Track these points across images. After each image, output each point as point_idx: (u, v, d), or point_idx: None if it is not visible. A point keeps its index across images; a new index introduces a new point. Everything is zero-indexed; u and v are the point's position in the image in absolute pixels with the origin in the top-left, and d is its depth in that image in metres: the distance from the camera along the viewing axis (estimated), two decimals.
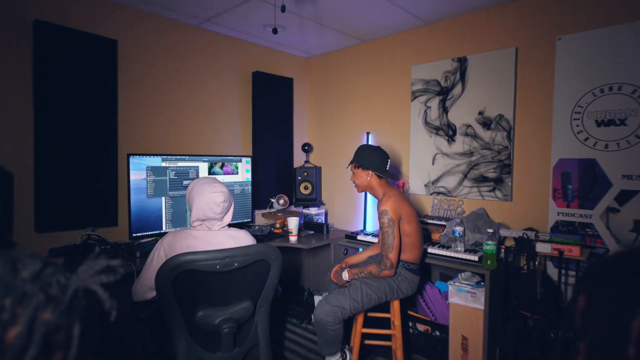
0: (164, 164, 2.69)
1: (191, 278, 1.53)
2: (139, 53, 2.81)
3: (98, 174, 2.55)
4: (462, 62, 2.86)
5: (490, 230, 2.15)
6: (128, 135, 2.75)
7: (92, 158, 2.52)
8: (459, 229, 2.33)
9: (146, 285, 1.76)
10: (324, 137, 3.97)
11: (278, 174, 3.67)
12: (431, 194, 3.07)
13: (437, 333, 2.53)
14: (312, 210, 3.46)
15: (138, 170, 2.57)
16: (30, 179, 2.30)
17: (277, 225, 3.22)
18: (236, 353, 1.67)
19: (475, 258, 2.21)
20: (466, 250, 2.34)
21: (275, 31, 1.94)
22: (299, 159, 3.93)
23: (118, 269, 0.65)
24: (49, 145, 2.33)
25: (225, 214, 1.83)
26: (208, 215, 1.77)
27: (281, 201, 3.34)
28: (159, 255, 1.72)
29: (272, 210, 3.39)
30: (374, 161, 2.20)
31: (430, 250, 2.43)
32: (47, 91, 2.32)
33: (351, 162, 2.30)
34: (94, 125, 2.52)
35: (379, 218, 2.05)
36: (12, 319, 0.51)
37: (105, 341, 2.38)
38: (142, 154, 2.59)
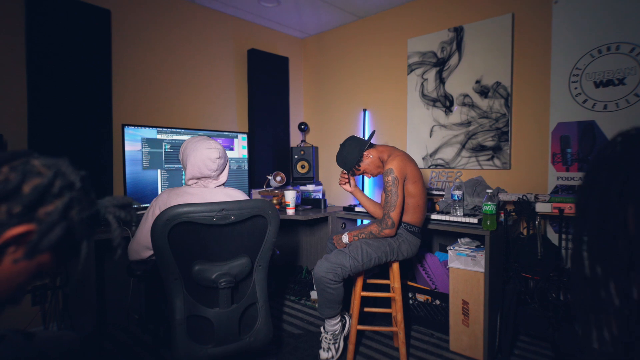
0: (159, 136, 2.66)
1: (187, 231, 1.51)
2: (133, 25, 2.78)
3: (92, 144, 2.51)
4: (459, 31, 2.84)
5: (489, 191, 2.13)
6: (122, 107, 2.72)
7: (86, 127, 2.48)
8: (457, 192, 2.31)
9: (141, 243, 1.74)
10: (320, 116, 3.94)
11: (274, 152, 3.64)
12: (429, 167, 3.05)
13: (438, 302, 2.51)
14: (310, 187, 3.43)
15: (133, 142, 2.53)
16: (23, 147, 2.27)
17: (275, 202, 3.19)
18: (234, 309, 1.64)
19: (475, 220, 2.19)
20: (465, 215, 2.32)
21: None
22: (295, 138, 3.90)
23: (134, 211, 0.77)
24: (42, 113, 2.30)
25: (221, 172, 1.81)
26: (204, 173, 1.74)
27: (278, 178, 3.31)
28: (154, 213, 1.70)
29: (269, 188, 3.36)
30: (357, 146, 2.17)
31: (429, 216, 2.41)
32: (40, 59, 2.28)
33: (352, 171, 2.23)
34: (88, 94, 2.49)
35: (384, 177, 2.02)
36: (49, 190, 0.60)
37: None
38: (137, 125, 2.56)
